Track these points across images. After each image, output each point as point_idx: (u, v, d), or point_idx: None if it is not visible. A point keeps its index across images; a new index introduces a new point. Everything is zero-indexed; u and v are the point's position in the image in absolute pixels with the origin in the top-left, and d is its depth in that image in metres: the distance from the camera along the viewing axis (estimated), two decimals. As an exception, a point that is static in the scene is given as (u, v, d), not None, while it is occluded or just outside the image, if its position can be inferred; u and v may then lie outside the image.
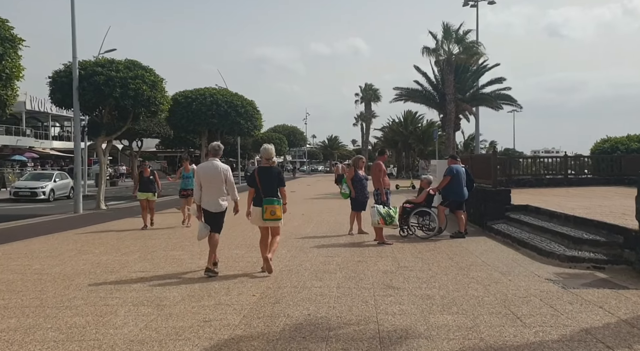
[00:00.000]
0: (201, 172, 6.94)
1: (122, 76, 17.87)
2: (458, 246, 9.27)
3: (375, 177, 9.73)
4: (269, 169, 6.96)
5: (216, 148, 7.13)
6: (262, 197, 6.78)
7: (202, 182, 6.89)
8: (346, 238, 10.33)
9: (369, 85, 72.84)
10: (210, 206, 6.95)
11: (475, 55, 27.35)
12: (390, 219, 9.39)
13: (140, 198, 12.78)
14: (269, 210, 6.72)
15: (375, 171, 9.75)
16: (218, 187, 6.89)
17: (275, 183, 6.87)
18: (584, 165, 19.58)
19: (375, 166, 9.82)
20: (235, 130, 29.66)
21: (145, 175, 12.80)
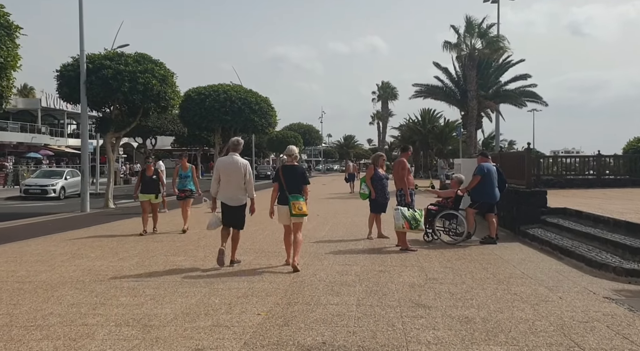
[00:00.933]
0: (221, 166, 7.05)
1: (131, 70, 17.19)
2: (490, 253, 8.30)
3: (399, 176, 8.80)
4: (294, 168, 7.10)
5: (235, 143, 7.23)
6: (286, 195, 6.91)
7: (221, 176, 7.02)
8: (365, 243, 9.42)
9: (386, 83, 71.76)
10: (229, 200, 7.06)
11: (499, 50, 26.15)
12: (415, 223, 8.46)
13: (142, 200, 11.16)
14: (296, 206, 6.84)
15: (398, 169, 8.82)
16: (237, 181, 7.00)
17: (299, 181, 7.01)
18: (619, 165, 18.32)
19: (398, 164, 8.88)
20: (249, 127, 28.89)
21: (148, 174, 11.16)
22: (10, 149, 43.80)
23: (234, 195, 7.05)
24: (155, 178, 11.17)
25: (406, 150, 9.36)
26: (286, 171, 7.06)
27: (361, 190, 10.00)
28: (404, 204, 8.72)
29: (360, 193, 10.09)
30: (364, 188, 9.92)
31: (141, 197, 11.16)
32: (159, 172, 11.37)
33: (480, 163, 9.43)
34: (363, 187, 9.95)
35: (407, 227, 8.44)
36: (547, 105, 28.48)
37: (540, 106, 29.62)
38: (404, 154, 9.16)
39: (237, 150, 7.18)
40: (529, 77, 27.84)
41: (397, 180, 8.86)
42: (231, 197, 7.05)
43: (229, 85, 28.96)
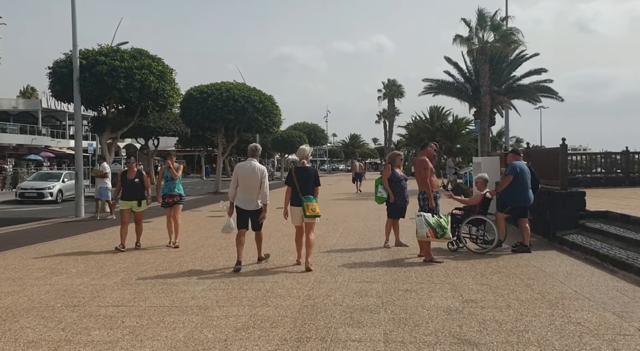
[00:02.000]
0: (239, 171, 7.23)
1: (127, 66, 16.23)
2: (528, 265, 7.23)
3: (421, 176, 7.74)
4: (306, 169, 7.22)
5: (253, 149, 7.44)
6: (299, 196, 7.03)
7: (239, 181, 7.16)
8: (382, 253, 8.37)
9: (392, 80, 70.64)
10: (245, 204, 7.21)
11: (512, 44, 24.98)
12: (442, 231, 7.40)
13: (122, 209, 9.18)
14: (309, 207, 6.97)
15: (420, 169, 7.75)
16: (254, 186, 7.14)
17: (312, 183, 7.16)
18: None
19: (420, 163, 7.81)
20: (253, 126, 27.86)
21: (130, 177, 9.15)
22: (10, 151, 43.05)
23: (251, 200, 7.20)
24: (138, 181, 9.21)
25: (427, 147, 8.19)
26: (299, 173, 7.18)
27: (378, 194, 8.92)
28: (427, 209, 7.67)
29: (377, 197, 8.98)
30: (382, 191, 8.86)
31: (121, 204, 9.29)
32: (142, 175, 9.38)
33: (512, 161, 8.35)
34: (380, 190, 8.88)
35: (432, 235, 7.39)
36: (562, 100, 27.33)
37: (555, 102, 28.35)
38: (425, 151, 8.03)
39: (256, 155, 7.37)
40: (544, 71, 26.65)
41: (419, 181, 7.79)
42: (248, 201, 7.20)
43: (232, 84, 27.95)
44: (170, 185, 9.43)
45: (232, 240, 9.88)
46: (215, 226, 12.62)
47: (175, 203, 9.45)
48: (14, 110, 46.62)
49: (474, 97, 27.94)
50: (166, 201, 9.44)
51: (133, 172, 9.27)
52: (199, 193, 28.18)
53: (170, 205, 9.43)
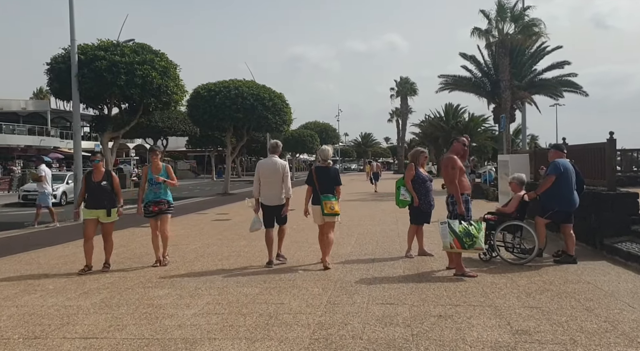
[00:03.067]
0: (261, 168, 7.30)
1: (127, 61, 15.36)
2: (578, 280, 6.14)
3: (449, 177, 6.68)
4: (326, 169, 7.27)
5: (274, 146, 7.45)
6: (319, 195, 7.08)
7: (262, 177, 7.25)
8: (405, 265, 7.32)
9: (405, 78, 69.39)
10: (269, 200, 7.28)
11: (534, 36, 23.70)
12: (470, 241, 6.34)
13: (87, 218, 7.29)
14: (328, 205, 7.01)
15: (448, 169, 6.68)
16: (277, 182, 7.23)
17: (332, 182, 7.19)
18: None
19: (447, 161, 6.74)
20: (262, 125, 26.92)
21: (96, 180, 7.24)
22: (19, 153, 42.67)
23: (274, 195, 7.27)
24: (106, 185, 7.24)
25: (455, 142, 7.02)
26: (319, 172, 7.23)
27: (401, 197, 7.82)
28: (455, 215, 6.60)
29: (400, 201, 7.87)
30: (404, 193, 7.78)
31: (85, 213, 7.31)
32: (112, 176, 7.44)
33: (554, 159, 7.24)
34: (403, 192, 7.80)
35: (457, 246, 6.33)
36: (587, 95, 25.95)
37: (570, 98, 26.79)
38: (453, 147, 6.93)
39: (276, 152, 7.39)
40: (567, 64, 25.30)
41: (447, 182, 6.73)
42: (271, 197, 7.27)
43: (241, 81, 27.03)
44: (155, 190, 7.53)
45: (235, 248, 8.94)
46: (220, 231, 11.67)
47: (162, 212, 7.55)
48: (23, 111, 46.25)
49: (492, 92, 26.73)
50: (150, 210, 7.51)
51: (100, 172, 7.34)
52: (208, 194, 27.32)
53: (156, 214, 7.53)
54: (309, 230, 11.02)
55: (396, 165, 77.59)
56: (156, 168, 7.62)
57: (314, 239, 9.70)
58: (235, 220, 13.96)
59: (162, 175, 7.57)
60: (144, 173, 7.71)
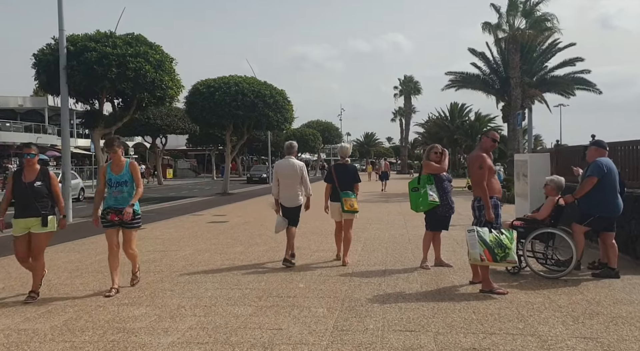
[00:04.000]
0: (279, 169, 7.32)
1: (119, 53, 14.47)
2: (630, 300, 5.21)
3: (476, 177, 5.76)
4: (345, 166, 7.37)
5: (289, 146, 7.43)
6: (338, 192, 7.12)
7: (280, 178, 7.25)
8: (421, 277, 6.40)
9: (409, 77, 68.52)
10: (287, 201, 7.27)
11: (546, 31, 22.75)
12: (502, 252, 5.42)
13: (16, 235, 5.57)
14: (347, 202, 7.05)
15: (475, 168, 5.76)
16: (294, 183, 7.23)
17: (351, 179, 7.23)
18: None
19: (475, 160, 5.81)
20: (263, 123, 25.98)
21: (27, 180, 5.54)
22: (15, 150, 41.82)
23: (292, 196, 7.28)
24: (40, 186, 5.54)
25: (486, 136, 6.05)
26: (338, 169, 7.31)
27: (430, 198, 6.71)
28: (483, 222, 5.68)
29: (428, 203, 6.71)
30: (432, 193, 6.78)
31: (14, 226, 5.56)
32: (49, 175, 5.68)
33: (595, 158, 6.30)
34: (431, 193, 6.78)
35: (488, 258, 5.42)
36: (600, 92, 24.99)
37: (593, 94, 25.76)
38: (483, 144, 5.99)
39: (292, 152, 7.38)
40: (579, 60, 24.32)
41: (474, 184, 5.82)
42: (289, 198, 7.28)
43: (241, 77, 26.11)
44: (116, 194, 5.74)
45: (229, 256, 8.01)
46: (215, 234, 10.77)
47: (126, 225, 5.76)
48: (20, 108, 45.43)
49: (502, 90, 25.81)
50: (108, 219, 5.71)
51: (33, 170, 5.58)
52: (206, 194, 26.44)
53: (115, 225, 5.77)
54: (311, 234, 10.11)
55: (399, 165, 76.66)
56: (117, 166, 5.81)
57: (316, 245, 8.83)
58: (233, 223, 13.07)
59: (124, 176, 5.75)
60: (102, 171, 5.91)
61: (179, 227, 12.44)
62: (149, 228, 12.35)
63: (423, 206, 6.84)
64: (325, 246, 8.81)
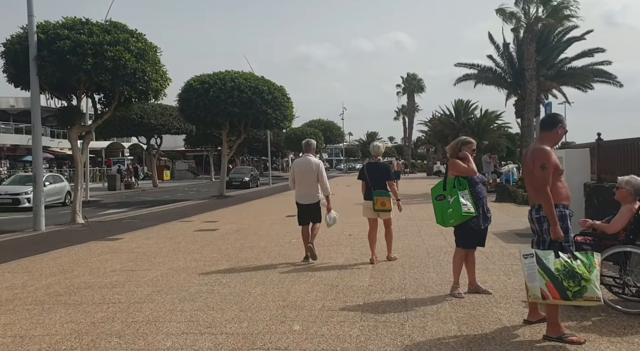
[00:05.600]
0: (296, 167, 7.48)
1: (95, 41, 12.91)
2: None
3: (537, 180, 4.15)
4: (378, 165, 7.29)
5: (306, 145, 7.58)
6: (371, 190, 7.09)
7: (296, 176, 7.40)
8: (455, 311, 4.82)
9: (412, 75, 67.01)
10: (302, 198, 7.39)
11: (565, 19, 21.14)
12: (576, 285, 3.83)
13: None
14: (379, 201, 7.02)
15: (535, 167, 4.15)
16: (311, 181, 7.32)
17: (383, 177, 7.16)
18: None
19: (538, 155, 4.13)
20: (261, 121, 24.44)
21: None
22: (7, 152, 40.43)
23: (307, 194, 7.34)
24: None
25: (553, 126, 4.27)
26: (370, 168, 7.26)
27: (464, 209, 5.11)
28: (547, 241, 4.11)
29: (461, 215, 5.15)
30: (466, 202, 5.19)
31: None
32: None
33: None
34: (464, 201, 5.19)
35: (553, 294, 3.83)
36: (621, 85, 23.32)
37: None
38: (550, 136, 4.30)
39: (309, 150, 7.49)
40: (600, 51, 22.66)
41: (532, 188, 4.24)
42: (304, 195, 7.35)
43: (238, 72, 24.60)
44: None
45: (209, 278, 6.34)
46: (200, 246, 9.23)
47: None
48: (12, 109, 43.99)
49: (514, 83, 24.20)
50: None
51: None
52: (202, 197, 24.90)
53: None
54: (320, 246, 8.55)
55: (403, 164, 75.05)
56: None
57: (320, 258, 7.26)
58: (223, 231, 11.52)
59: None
60: None
61: (161, 236, 10.91)
62: (126, 238, 10.84)
63: (455, 219, 5.25)
64: (328, 259, 7.26)
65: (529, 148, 4.36)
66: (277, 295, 5.56)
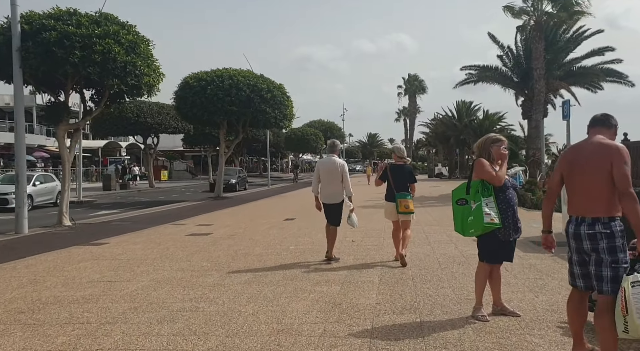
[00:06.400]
0: (321, 167, 7.50)
1: (84, 33, 12.17)
2: None
3: (622, 182, 3.23)
4: (401, 167, 7.26)
5: (331, 145, 7.69)
6: (394, 192, 7.10)
7: (321, 176, 7.40)
8: (481, 340, 4.05)
9: (414, 76, 66.41)
10: (327, 198, 7.40)
11: (576, 15, 20.38)
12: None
13: None
14: (402, 204, 7.02)
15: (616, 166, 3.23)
16: (335, 181, 7.33)
17: (406, 180, 7.17)
18: None
19: (618, 151, 3.33)
20: (259, 120, 23.73)
21: None
22: (1, 151, 39.65)
23: (331, 194, 7.36)
24: None
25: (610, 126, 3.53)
26: (394, 170, 7.22)
27: (486, 219, 4.37)
28: (608, 263, 3.32)
29: (483, 225, 4.41)
30: (490, 211, 4.45)
31: None
32: None
33: None
34: (488, 210, 4.43)
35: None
36: (633, 85, 22.53)
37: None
38: (607, 132, 3.51)
39: (334, 151, 7.57)
40: (610, 50, 21.89)
41: (587, 194, 3.44)
42: (328, 195, 7.37)
43: (236, 70, 23.88)
44: None
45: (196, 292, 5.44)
46: (189, 253, 8.47)
47: None
48: (7, 106, 43.22)
49: (522, 83, 23.45)
50: None
51: None
52: (198, 198, 24.15)
53: None
54: (318, 254, 7.78)
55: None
56: None
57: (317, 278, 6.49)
58: (217, 235, 10.77)
59: None
60: None
61: (150, 241, 10.14)
62: (113, 242, 10.09)
63: (475, 228, 4.50)
64: (330, 270, 6.50)
65: (589, 144, 3.51)
66: (270, 315, 4.80)
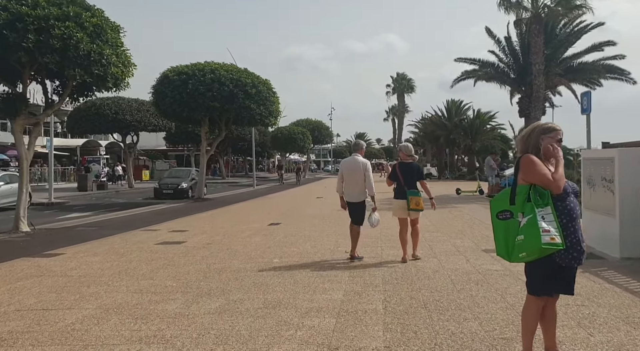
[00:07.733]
0: (344, 167, 7.67)
1: (40, 15, 10.72)
2: None
3: None
4: (410, 165, 7.49)
5: (356, 144, 7.84)
6: (404, 190, 7.28)
7: (344, 175, 7.51)
8: None
9: (402, 74, 65.47)
10: (351, 197, 7.47)
11: (576, 9, 19.39)
12: None
13: None
14: (413, 201, 7.20)
15: None
16: (358, 180, 7.41)
17: (415, 177, 7.39)
18: None
19: None
20: (244, 116, 22.38)
21: None
22: (-30, 150, 37.76)
23: (355, 192, 7.43)
24: None
25: None
26: (403, 168, 7.41)
27: (544, 238, 3.07)
28: None
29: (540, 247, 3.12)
30: (549, 227, 3.10)
31: None
32: None
33: None
34: (544, 225, 3.09)
35: None
36: (635, 82, 21.62)
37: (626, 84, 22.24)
38: None
39: (358, 150, 7.60)
40: (611, 44, 20.93)
41: None
42: (352, 194, 7.44)
43: (218, 64, 22.52)
44: None
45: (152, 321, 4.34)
46: (155, 268, 7.12)
47: None
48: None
49: (518, 80, 22.42)
50: None
51: None
52: (177, 200, 22.69)
53: None
54: (305, 269, 6.49)
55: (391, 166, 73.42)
56: None
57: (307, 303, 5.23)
58: (190, 244, 9.43)
59: None
60: None
61: (112, 252, 8.77)
62: (69, 253, 8.72)
63: (528, 251, 3.21)
64: (321, 292, 5.22)
65: None
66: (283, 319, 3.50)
